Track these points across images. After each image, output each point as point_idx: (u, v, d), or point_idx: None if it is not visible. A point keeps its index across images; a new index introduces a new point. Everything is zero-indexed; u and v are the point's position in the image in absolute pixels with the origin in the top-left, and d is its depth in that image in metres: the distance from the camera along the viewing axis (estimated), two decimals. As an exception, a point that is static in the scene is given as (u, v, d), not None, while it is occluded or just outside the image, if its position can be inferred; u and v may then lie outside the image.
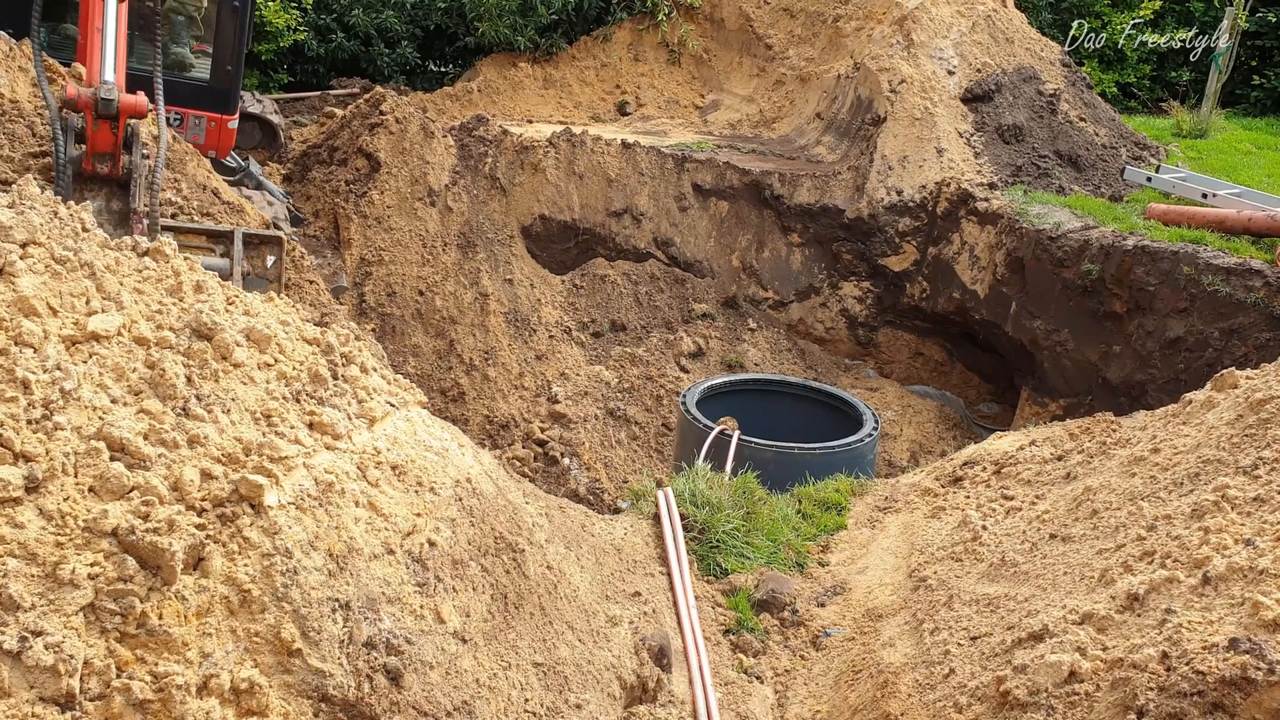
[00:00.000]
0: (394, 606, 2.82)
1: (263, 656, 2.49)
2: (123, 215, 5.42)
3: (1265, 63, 18.31)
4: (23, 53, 6.66)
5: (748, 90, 14.50)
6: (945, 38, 12.79)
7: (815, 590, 5.11)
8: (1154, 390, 9.07)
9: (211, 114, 9.05)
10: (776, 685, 4.48)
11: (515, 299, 10.78)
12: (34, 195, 3.00)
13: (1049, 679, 3.09)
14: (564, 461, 9.56)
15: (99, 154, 5.32)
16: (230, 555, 2.51)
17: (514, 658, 3.23)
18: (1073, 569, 3.73)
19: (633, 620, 4.25)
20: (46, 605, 2.23)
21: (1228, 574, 3.02)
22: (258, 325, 3.12)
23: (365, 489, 2.94)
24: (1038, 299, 10.37)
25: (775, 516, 5.67)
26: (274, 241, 5.85)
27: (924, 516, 5.39)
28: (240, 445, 2.73)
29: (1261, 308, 8.48)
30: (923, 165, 11.81)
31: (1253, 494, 3.38)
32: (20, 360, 2.53)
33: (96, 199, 5.41)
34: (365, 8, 15.09)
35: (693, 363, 11.34)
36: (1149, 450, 4.18)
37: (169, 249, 3.22)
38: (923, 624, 4.15)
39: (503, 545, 3.42)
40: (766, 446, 8.02)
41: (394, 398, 3.42)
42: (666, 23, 15.04)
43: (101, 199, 5.42)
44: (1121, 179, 12.12)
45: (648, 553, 4.99)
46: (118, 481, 2.45)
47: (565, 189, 11.48)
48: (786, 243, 12.18)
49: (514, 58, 14.85)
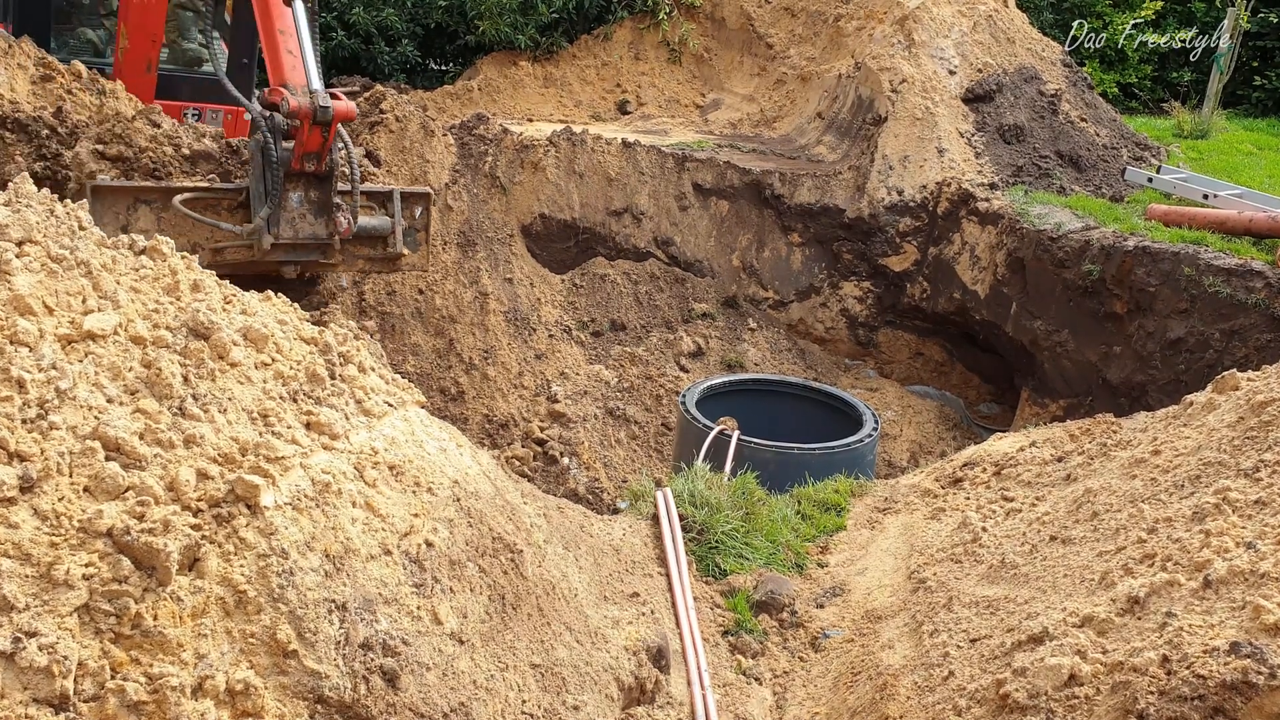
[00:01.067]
0: (391, 607, 2.81)
1: (258, 658, 2.48)
2: (321, 204, 6.00)
3: (1267, 63, 18.29)
4: (21, 50, 6.65)
5: (748, 89, 14.48)
6: (946, 37, 12.77)
7: (814, 591, 5.10)
8: (1155, 391, 9.05)
9: (229, 107, 9.15)
10: (775, 687, 4.47)
11: (515, 298, 10.76)
12: (30, 193, 2.99)
13: (1048, 682, 3.07)
14: (563, 461, 9.54)
15: (308, 154, 5.80)
16: (226, 556, 2.50)
17: (511, 659, 3.22)
18: (1073, 571, 3.71)
19: (631, 621, 4.24)
20: (40, 606, 2.21)
21: (1229, 577, 3.01)
22: (255, 324, 3.11)
23: (362, 489, 2.93)
24: (1038, 299, 10.36)
25: (774, 517, 5.66)
26: (424, 195, 6.68)
27: (923, 518, 5.38)
28: (237, 445, 2.72)
29: (1262, 309, 8.46)
30: (923, 165, 11.80)
31: (1254, 497, 3.37)
32: (15, 359, 2.52)
33: (296, 189, 5.93)
34: (365, 6, 15.08)
35: (692, 362, 11.33)
36: (1149, 452, 4.16)
37: (166, 247, 3.21)
38: (922, 626, 4.14)
39: (500, 546, 3.41)
40: (766, 446, 8.00)
41: (392, 397, 3.41)
42: (667, 22, 15.02)
43: (300, 189, 5.95)
44: (1122, 179, 12.11)
45: (646, 553, 4.98)
46: (113, 481, 2.44)
47: (565, 188, 11.47)
48: (787, 242, 12.16)
49: (514, 56, 14.83)
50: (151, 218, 5.85)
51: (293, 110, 5.57)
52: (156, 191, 5.86)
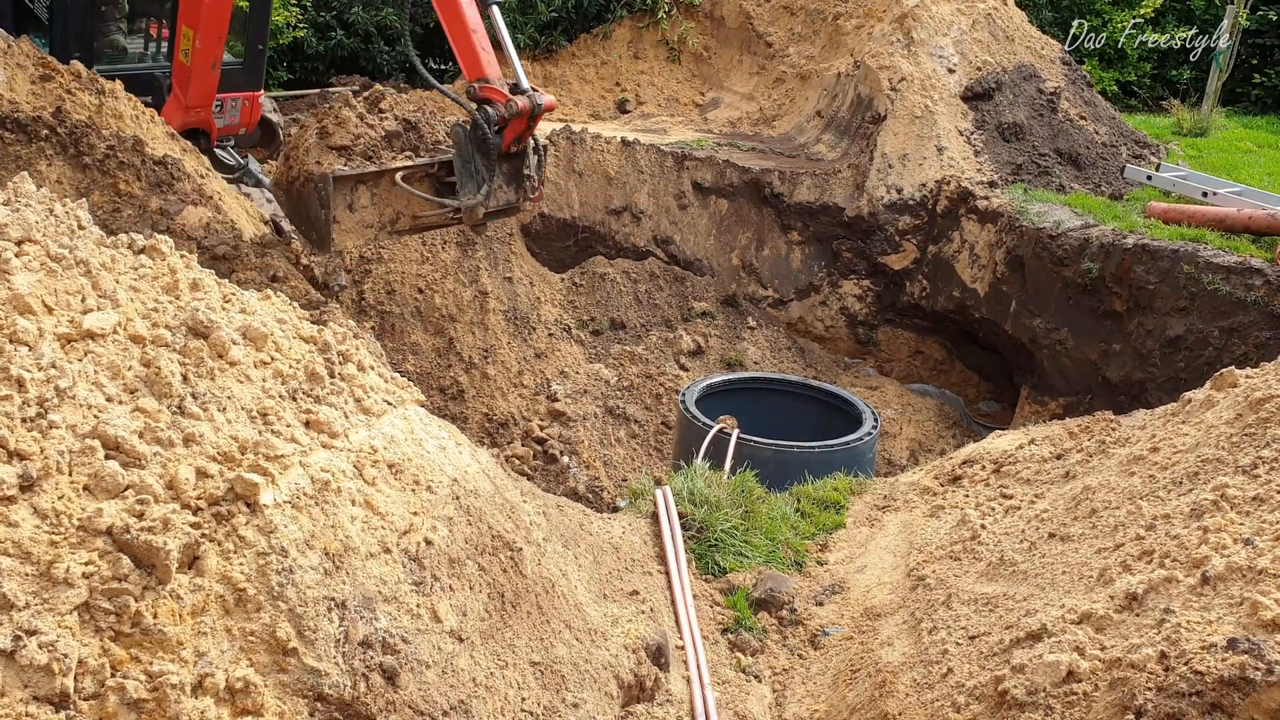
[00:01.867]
0: (390, 605, 2.81)
1: (258, 656, 2.48)
2: (513, 174, 6.83)
3: (1266, 61, 18.28)
4: (20, 50, 6.65)
5: (748, 88, 14.48)
6: (945, 36, 12.77)
7: (814, 589, 5.11)
8: (1154, 389, 9.05)
9: (246, 94, 9.40)
10: (774, 684, 4.47)
11: (515, 297, 10.77)
12: (29, 192, 2.99)
13: (1047, 679, 3.08)
14: (563, 460, 9.55)
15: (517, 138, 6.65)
16: (225, 554, 2.50)
17: (511, 657, 3.22)
18: (1071, 568, 3.72)
19: (630, 619, 4.25)
20: (40, 604, 2.22)
21: (1226, 574, 3.01)
22: (254, 323, 3.11)
23: (362, 487, 2.93)
24: (1037, 297, 10.36)
25: (774, 515, 5.66)
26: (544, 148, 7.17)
27: (923, 515, 5.39)
28: (236, 444, 2.72)
29: (1261, 306, 8.47)
30: (923, 163, 11.80)
31: (1252, 493, 3.37)
32: (15, 358, 2.52)
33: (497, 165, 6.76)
34: (365, 5, 15.08)
35: (692, 361, 11.33)
36: (1148, 449, 4.17)
37: (165, 246, 3.21)
38: (921, 623, 4.14)
39: (500, 544, 3.42)
40: (765, 445, 8.01)
41: (391, 396, 3.41)
42: (666, 20, 15.02)
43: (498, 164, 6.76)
44: (1122, 177, 12.11)
45: (646, 551, 4.99)
46: (113, 480, 2.45)
47: (565, 186, 11.48)
48: (786, 241, 12.17)
49: (514, 55, 14.83)
50: (368, 194, 6.83)
51: (520, 110, 6.38)
52: (377, 174, 6.78)
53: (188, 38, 8.21)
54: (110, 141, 6.49)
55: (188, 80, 8.46)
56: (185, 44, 8.26)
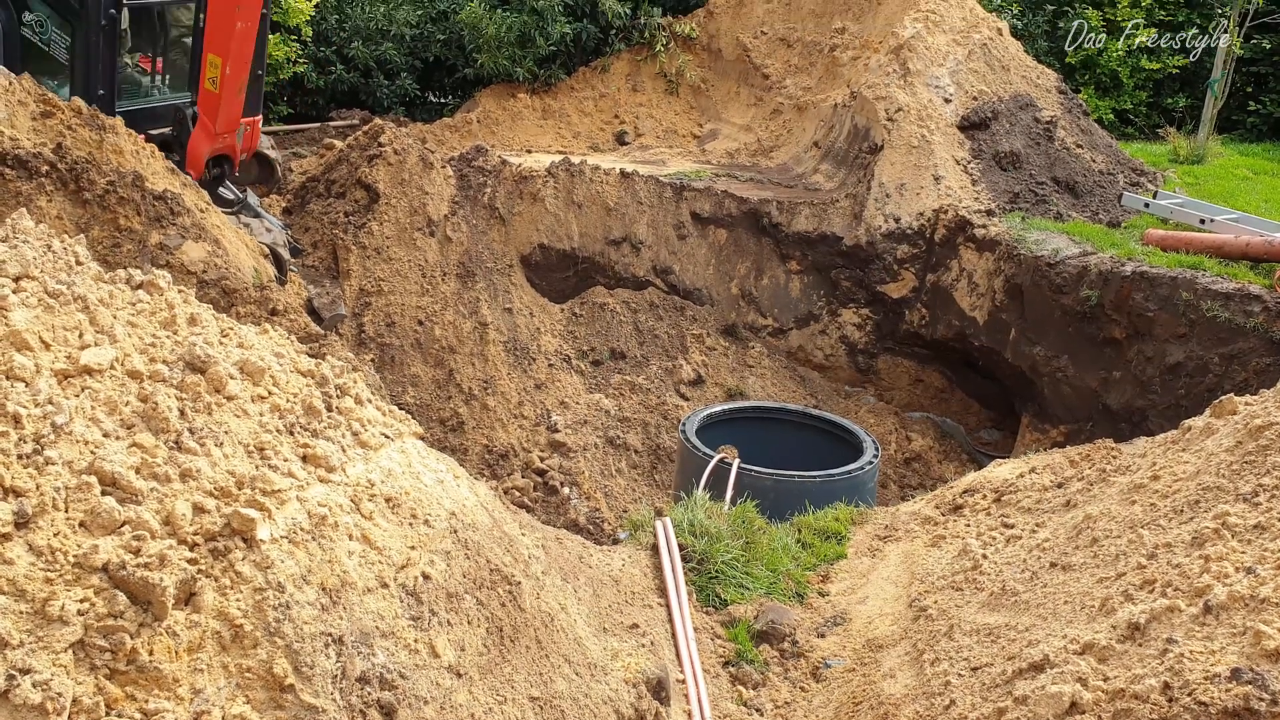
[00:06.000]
0: (388, 641, 2.80)
1: (255, 692, 2.46)
2: None
3: (1261, 89, 18.40)
4: (22, 87, 6.69)
5: (745, 119, 14.56)
6: (942, 66, 12.85)
7: (815, 621, 5.08)
8: (1154, 416, 9.04)
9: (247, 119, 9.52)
10: (776, 718, 4.44)
11: (514, 328, 10.78)
12: (27, 229, 3.00)
13: (1050, 710, 3.05)
14: (563, 491, 9.52)
15: None
16: (222, 590, 2.49)
17: (510, 692, 3.20)
18: (1073, 598, 3.70)
19: (630, 653, 4.22)
20: (35, 642, 2.20)
21: (1229, 603, 2.99)
22: (251, 358, 3.11)
23: (359, 522, 2.92)
24: (1037, 325, 10.36)
25: (775, 546, 5.64)
26: None
27: (924, 545, 5.36)
28: (233, 479, 2.71)
29: (1260, 333, 8.47)
30: (920, 192, 11.84)
31: (1253, 521, 3.36)
32: (11, 394, 2.52)
33: None
34: (365, 40, 15.20)
35: (693, 390, 11.32)
36: (1149, 477, 4.16)
37: (163, 281, 3.22)
38: (923, 654, 4.12)
39: (498, 578, 3.40)
40: (766, 474, 7.99)
41: (389, 429, 3.41)
42: (664, 53, 15.13)
43: None
44: (1119, 205, 12.14)
45: (646, 584, 4.96)
46: (109, 516, 2.44)
47: (564, 218, 11.51)
48: (785, 270, 12.19)
49: (513, 89, 14.93)
50: None
51: None
52: None
53: (215, 65, 8.34)
54: (110, 177, 6.52)
55: (217, 107, 8.57)
56: (212, 72, 8.39)
